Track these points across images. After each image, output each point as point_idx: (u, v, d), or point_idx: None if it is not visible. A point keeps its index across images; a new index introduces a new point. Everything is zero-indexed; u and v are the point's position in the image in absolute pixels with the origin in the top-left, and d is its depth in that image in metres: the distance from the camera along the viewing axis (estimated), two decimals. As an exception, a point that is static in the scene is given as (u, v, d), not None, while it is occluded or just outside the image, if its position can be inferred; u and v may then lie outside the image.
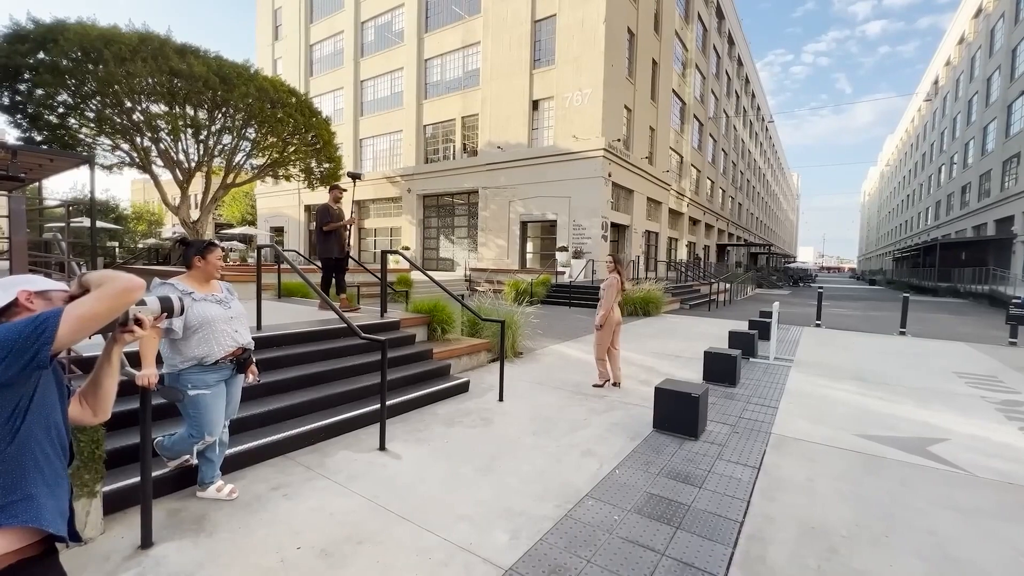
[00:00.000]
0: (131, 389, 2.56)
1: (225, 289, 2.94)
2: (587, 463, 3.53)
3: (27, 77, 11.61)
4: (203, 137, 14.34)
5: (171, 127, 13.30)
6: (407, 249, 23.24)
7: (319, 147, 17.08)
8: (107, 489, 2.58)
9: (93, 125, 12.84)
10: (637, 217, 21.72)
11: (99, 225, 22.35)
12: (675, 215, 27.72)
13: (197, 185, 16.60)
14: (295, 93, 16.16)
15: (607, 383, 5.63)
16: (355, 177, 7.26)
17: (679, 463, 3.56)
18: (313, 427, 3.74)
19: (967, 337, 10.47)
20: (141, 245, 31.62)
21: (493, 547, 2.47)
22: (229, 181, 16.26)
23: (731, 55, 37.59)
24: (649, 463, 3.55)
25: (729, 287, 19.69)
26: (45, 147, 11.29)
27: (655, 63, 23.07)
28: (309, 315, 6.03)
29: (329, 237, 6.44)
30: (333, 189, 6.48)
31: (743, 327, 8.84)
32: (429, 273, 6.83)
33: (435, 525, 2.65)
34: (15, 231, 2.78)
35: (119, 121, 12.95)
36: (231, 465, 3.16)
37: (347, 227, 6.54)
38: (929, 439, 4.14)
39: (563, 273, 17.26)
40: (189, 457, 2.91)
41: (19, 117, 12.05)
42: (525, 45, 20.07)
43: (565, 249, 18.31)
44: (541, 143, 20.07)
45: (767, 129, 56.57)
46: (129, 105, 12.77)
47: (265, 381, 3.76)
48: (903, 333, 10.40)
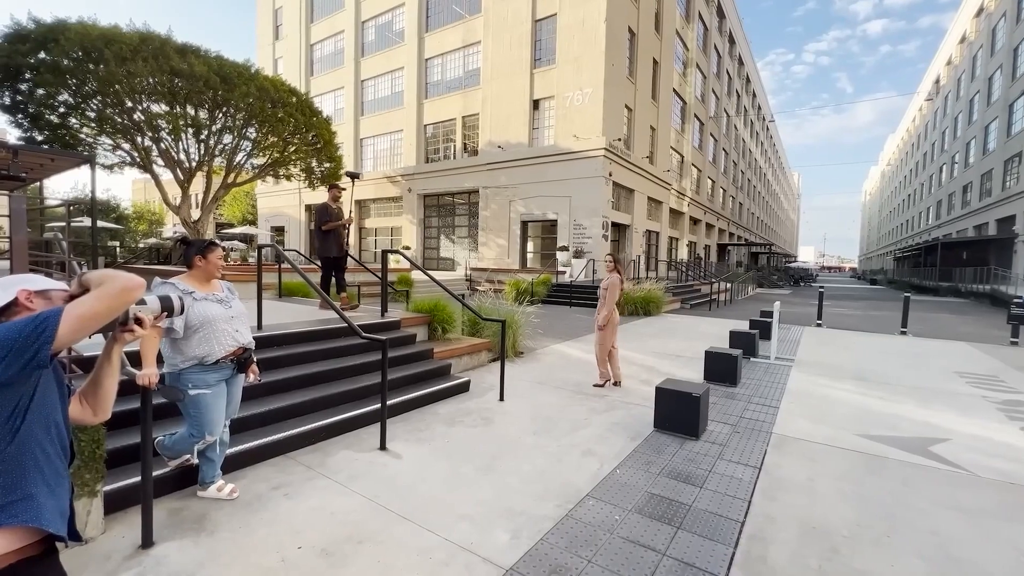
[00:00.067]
0: (132, 388, 2.56)
1: (226, 288, 2.94)
2: (588, 463, 3.53)
3: (28, 77, 11.63)
4: (204, 137, 14.35)
5: (172, 127, 13.32)
6: (408, 249, 23.24)
7: (320, 147, 17.09)
8: (108, 488, 2.58)
9: (94, 125, 12.85)
10: (638, 217, 21.71)
11: (100, 225, 22.38)
12: (676, 215, 27.69)
13: (198, 185, 16.61)
14: (296, 93, 16.17)
15: (608, 383, 5.63)
16: (353, 176, 7.28)
17: (680, 463, 3.55)
18: (314, 427, 3.74)
19: (968, 337, 10.46)
20: (142, 245, 31.64)
21: (494, 547, 2.47)
22: (230, 181, 16.27)
23: (732, 54, 37.54)
24: (650, 463, 3.54)
25: (730, 287, 19.67)
26: (46, 147, 11.30)
27: (656, 62, 23.04)
28: (310, 314, 6.03)
29: (328, 236, 6.44)
30: (332, 188, 6.48)
31: (744, 327, 8.83)
32: (430, 273, 6.84)
33: (436, 525, 2.65)
34: (16, 230, 2.78)
35: (120, 121, 12.96)
36: (232, 464, 3.16)
37: (346, 226, 6.54)
38: (931, 439, 4.13)
39: (564, 273, 17.25)
40: (190, 457, 2.91)
41: (20, 117, 12.07)
42: (526, 44, 20.05)
43: (566, 249, 18.30)
44: (542, 143, 20.06)
45: (768, 128, 56.50)
46: (130, 105, 12.78)
47: (266, 380, 3.76)
48: (904, 333, 10.39)
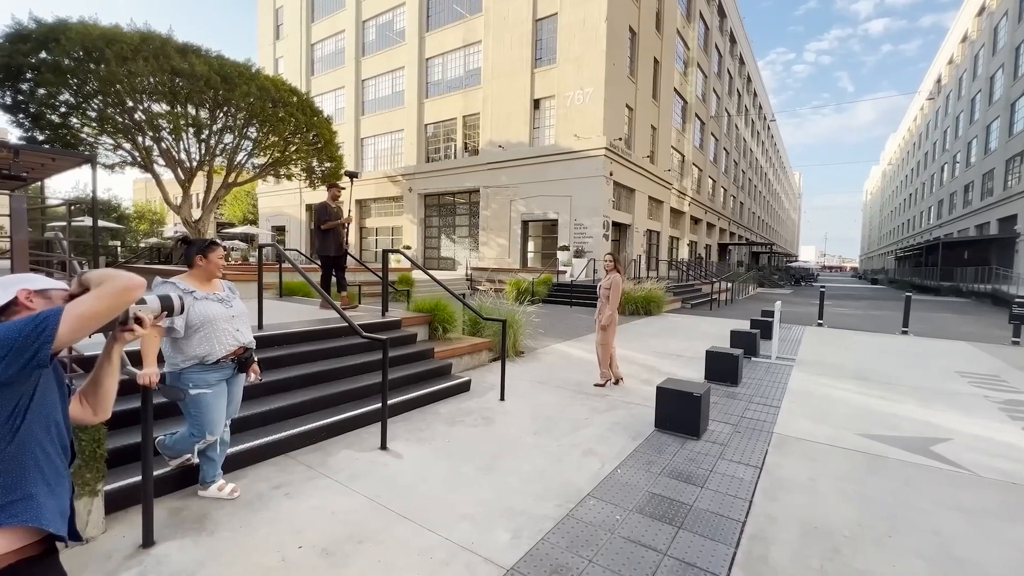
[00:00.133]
0: (132, 388, 2.56)
1: (227, 288, 2.94)
2: (588, 462, 3.53)
3: (29, 76, 11.64)
4: (205, 136, 14.36)
5: (173, 126, 13.32)
6: (408, 248, 23.25)
7: (320, 146, 17.09)
8: (108, 488, 2.58)
9: (95, 124, 12.86)
10: (639, 216, 21.69)
11: (101, 224, 22.41)
12: (677, 214, 27.67)
13: (199, 184, 16.62)
14: (296, 92, 16.17)
15: (608, 382, 5.62)
16: (352, 176, 7.29)
17: (681, 463, 3.55)
18: (314, 426, 3.74)
19: (970, 336, 10.44)
20: (143, 244, 31.66)
21: (494, 546, 2.47)
22: (231, 180, 16.28)
23: (733, 53, 37.49)
24: (651, 463, 3.54)
25: (731, 286, 19.67)
26: (47, 146, 11.31)
27: (657, 62, 23.01)
28: (310, 314, 6.03)
29: (327, 235, 6.44)
30: (332, 188, 6.50)
31: (745, 326, 8.83)
32: (430, 272, 6.83)
33: (436, 524, 2.65)
34: (16, 230, 2.78)
35: (121, 120, 12.97)
36: (232, 464, 3.16)
37: (345, 225, 6.55)
38: (932, 439, 4.12)
39: (564, 272, 17.24)
40: (190, 456, 2.91)
41: (21, 116, 12.08)
42: (526, 44, 20.03)
43: (566, 248, 18.28)
44: (542, 142, 20.04)
45: (769, 128, 56.41)
46: (131, 104, 12.79)
47: (266, 380, 3.76)
48: (905, 332, 10.37)
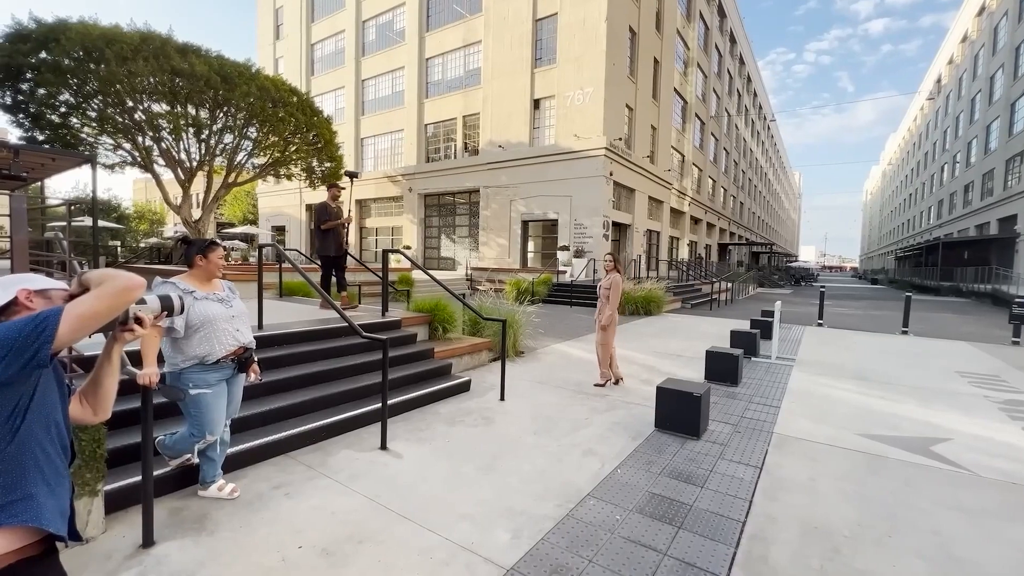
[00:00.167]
0: (132, 388, 2.56)
1: (227, 288, 2.94)
2: (588, 462, 3.53)
3: (29, 76, 11.64)
4: (205, 136, 14.36)
5: (173, 126, 13.32)
6: (408, 248, 23.25)
7: (320, 146, 17.09)
8: (108, 488, 2.58)
9: (95, 124, 12.86)
10: (639, 216, 21.68)
11: (101, 224, 22.41)
12: (677, 214, 27.66)
13: (199, 184, 16.61)
14: (296, 92, 16.17)
15: (608, 382, 5.62)
16: (352, 176, 7.29)
17: (681, 463, 3.55)
18: (314, 426, 3.74)
19: (970, 336, 10.44)
20: (143, 244, 31.66)
21: (494, 546, 2.47)
22: (231, 180, 16.28)
23: (733, 53, 37.48)
24: (651, 463, 3.54)
25: (731, 286, 19.67)
26: (47, 146, 11.31)
27: (657, 62, 23.01)
28: (310, 314, 6.03)
29: (327, 235, 6.45)
30: (331, 188, 6.50)
31: (745, 326, 8.83)
32: (430, 272, 6.83)
33: (436, 524, 2.65)
34: (16, 230, 2.78)
35: (121, 120, 12.97)
36: (232, 464, 3.16)
37: (344, 225, 6.55)
38: (932, 439, 4.12)
39: (564, 272, 17.24)
40: (190, 456, 2.91)
41: (21, 116, 12.08)
42: (526, 44, 20.03)
43: (566, 248, 18.28)
44: (542, 142, 20.04)
45: (769, 128, 56.41)
46: (131, 104, 12.79)
47: (266, 380, 3.76)
48: (905, 332, 10.37)
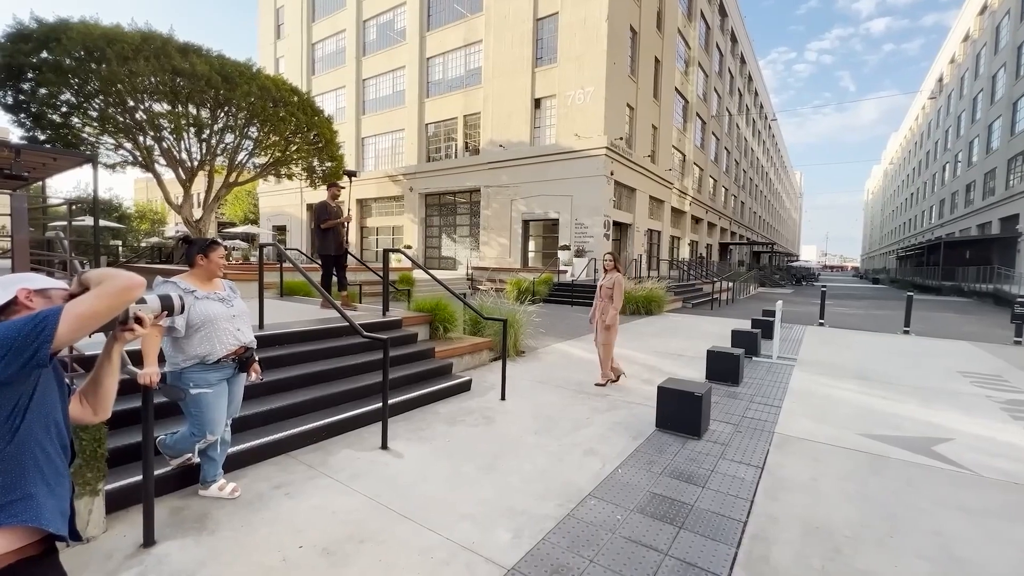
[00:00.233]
0: (133, 387, 2.56)
1: (228, 287, 2.94)
2: (589, 462, 3.52)
3: (30, 76, 11.63)
4: (206, 136, 14.35)
5: (174, 126, 13.31)
6: (409, 248, 23.25)
7: (321, 146, 17.08)
8: (109, 487, 2.58)
9: (96, 124, 12.86)
10: (639, 216, 21.66)
11: (102, 224, 22.43)
12: (677, 214, 27.63)
13: (200, 184, 16.62)
14: (297, 92, 16.16)
15: (609, 382, 5.62)
16: (350, 175, 7.30)
17: (682, 462, 3.54)
18: (315, 426, 3.74)
19: (972, 336, 10.42)
20: (144, 244, 31.70)
21: (495, 546, 2.46)
22: (232, 180, 16.28)
23: (734, 53, 37.42)
24: (652, 462, 3.53)
25: (732, 286, 19.64)
26: (48, 146, 11.32)
27: (658, 61, 22.98)
28: (311, 313, 6.03)
29: (327, 234, 6.45)
30: (331, 187, 6.51)
31: (746, 326, 8.82)
32: (431, 272, 6.82)
33: (437, 524, 2.65)
34: (17, 229, 2.79)
35: (122, 120, 12.96)
36: (233, 463, 3.16)
37: (344, 224, 6.56)
38: (934, 439, 4.11)
39: (565, 272, 17.23)
40: (191, 455, 2.91)
41: (23, 116, 12.08)
42: (527, 43, 20.01)
43: (567, 248, 18.27)
44: (543, 141, 20.02)
45: (770, 127, 56.31)
46: (132, 104, 12.78)
47: (267, 380, 3.76)
48: (907, 332, 10.34)
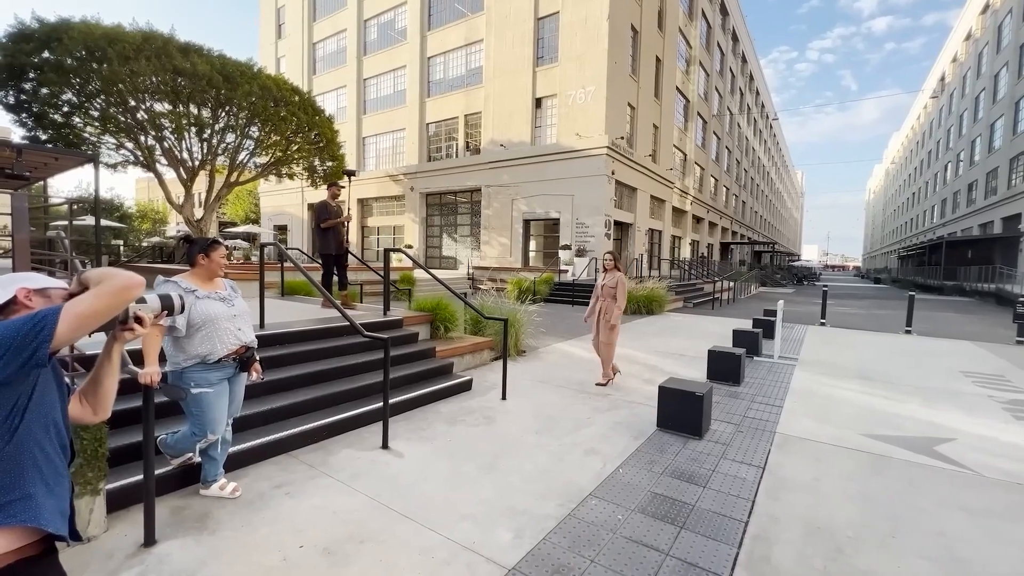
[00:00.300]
0: (133, 387, 2.56)
1: (229, 287, 2.94)
2: (590, 462, 3.52)
3: (32, 76, 11.65)
4: (207, 135, 14.35)
5: (175, 126, 13.32)
6: (410, 247, 23.25)
7: (322, 145, 17.08)
8: (110, 487, 2.58)
9: (97, 124, 12.87)
10: (640, 215, 21.65)
11: (104, 223, 22.46)
12: (679, 213, 27.61)
13: (201, 183, 16.62)
14: (298, 91, 16.15)
15: (610, 382, 5.61)
16: (349, 175, 7.32)
17: (683, 462, 3.54)
18: (316, 425, 3.74)
19: (974, 336, 10.39)
20: (145, 243, 31.75)
21: (496, 546, 2.46)
22: (233, 179, 16.28)
23: (735, 52, 37.37)
24: (653, 462, 3.53)
25: (733, 285, 19.61)
26: (50, 146, 11.33)
27: (659, 60, 22.95)
28: (312, 313, 6.03)
29: (327, 234, 6.46)
30: (331, 186, 6.53)
31: (747, 325, 8.81)
32: (432, 271, 6.82)
33: (438, 524, 2.64)
34: (18, 229, 2.79)
35: (123, 120, 12.97)
36: (234, 463, 3.16)
37: (344, 223, 6.57)
38: (936, 439, 4.10)
39: (566, 272, 17.22)
40: (192, 455, 2.91)
41: (24, 116, 12.09)
42: (528, 42, 20.00)
43: (568, 247, 18.26)
44: (544, 141, 20.01)
45: (771, 127, 56.23)
46: (133, 104, 12.78)
47: (268, 379, 3.76)
48: (909, 332, 10.32)
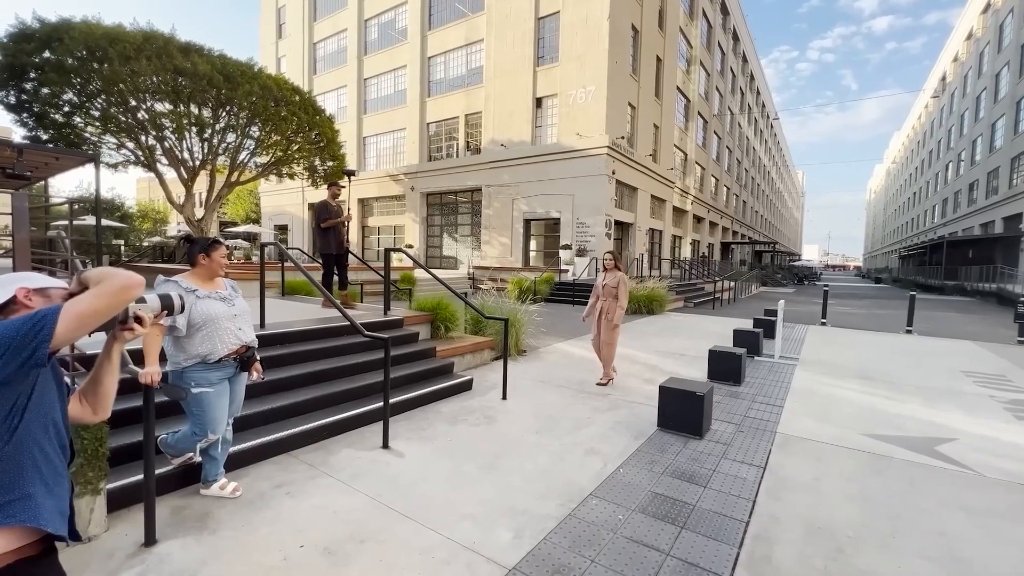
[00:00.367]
0: (134, 386, 2.56)
1: (229, 287, 2.94)
2: (591, 462, 3.51)
3: (33, 76, 11.66)
4: (207, 135, 14.35)
5: (175, 125, 13.32)
6: (410, 247, 23.25)
7: (323, 145, 17.07)
8: (111, 487, 2.58)
9: (98, 124, 12.87)
10: (641, 215, 21.64)
11: (105, 223, 22.47)
12: (679, 213, 27.59)
13: (202, 183, 16.64)
14: (299, 91, 16.15)
15: (611, 381, 5.61)
16: (349, 174, 7.33)
17: (684, 462, 3.53)
18: (316, 425, 3.74)
19: (975, 336, 10.38)
20: (146, 243, 31.77)
21: (496, 546, 2.46)
22: (233, 179, 16.27)
23: (736, 51, 37.34)
24: (653, 462, 3.52)
25: (733, 285, 19.60)
26: (51, 145, 11.34)
27: (659, 60, 22.93)
28: (313, 313, 6.04)
29: (328, 233, 6.47)
30: (331, 186, 6.53)
31: (748, 325, 8.80)
32: (432, 271, 6.83)
33: (438, 524, 2.64)
34: (18, 228, 2.79)
35: (124, 119, 12.98)
36: (234, 463, 3.16)
37: (345, 223, 6.57)
38: (937, 439, 4.09)
39: (566, 271, 17.22)
40: (192, 455, 2.91)
41: (25, 116, 12.10)
42: (528, 42, 19.99)
43: (569, 247, 18.26)
44: (545, 141, 20.00)
45: (772, 126, 56.18)
46: (134, 103, 12.79)
47: (268, 379, 3.76)
48: (910, 331, 10.31)
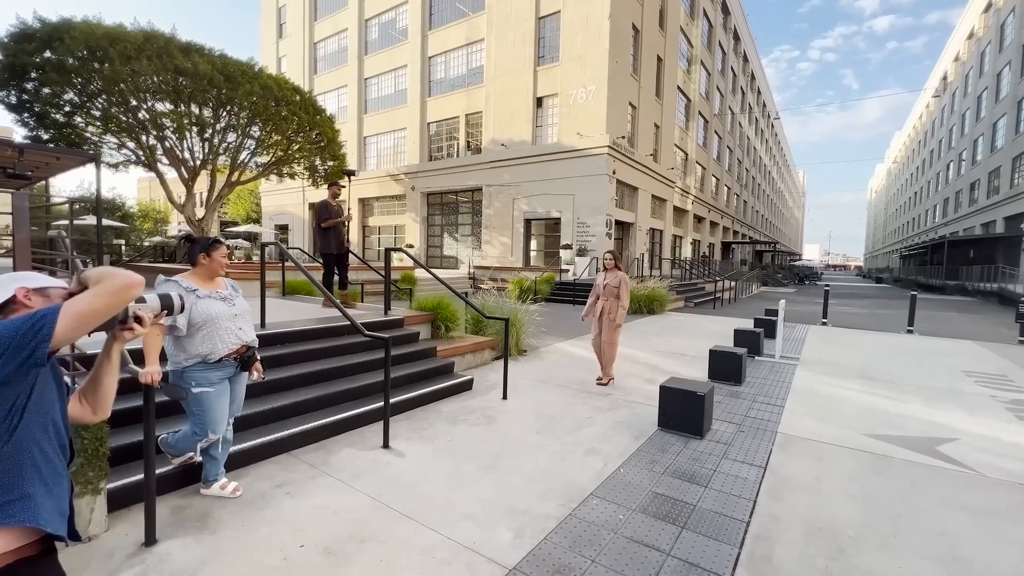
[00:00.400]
0: (134, 386, 2.56)
1: (230, 286, 2.94)
2: (591, 462, 3.51)
3: (34, 76, 11.67)
4: (208, 135, 14.36)
5: (176, 125, 13.33)
6: (411, 247, 23.25)
7: (323, 145, 17.06)
8: (111, 486, 2.58)
9: (99, 123, 12.89)
10: (642, 215, 21.63)
11: (105, 223, 22.50)
12: (680, 212, 27.58)
13: (202, 183, 16.64)
14: (299, 91, 16.14)
15: (611, 381, 5.61)
16: (349, 174, 7.33)
17: (684, 462, 3.53)
18: (317, 425, 3.74)
19: (976, 335, 10.36)
20: (147, 243, 31.80)
21: (497, 546, 2.46)
22: (234, 179, 16.28)
23: (736, 51, 37.31)
24: (654, 462, 3.52)
25: (734, 285, 19.59)
26: (51, 145, 11.35)
27: (660, 59, 22.92)
28: (313, 312, 6.04)
29: (328, 233, 6.47)
30: (332, 186, 6.54)
31: (748, 325, 8.80)
32: (433, 271, 6.83)
33: (438, 524, 2.64)
34: (18, 228, 2.79)
35: (125, 119, 12.98)
36: (235, 462, 3.16)
37: (345, 223, 6.57)
38: (938, 439, 4.09)
39: (567, 271, 17.22)
40: (193, 454, 2.91)
41: (26, 116, 12.11)
42: (529, 42, 19.98)
43: (569, 247, 18.25)
44: (545, 140, 20.00)
45: (773, 126, 56.14)
46: (134, 103, 12.80)
47: (269, 379, 3.76)
48: (911, 331, 10.30)
